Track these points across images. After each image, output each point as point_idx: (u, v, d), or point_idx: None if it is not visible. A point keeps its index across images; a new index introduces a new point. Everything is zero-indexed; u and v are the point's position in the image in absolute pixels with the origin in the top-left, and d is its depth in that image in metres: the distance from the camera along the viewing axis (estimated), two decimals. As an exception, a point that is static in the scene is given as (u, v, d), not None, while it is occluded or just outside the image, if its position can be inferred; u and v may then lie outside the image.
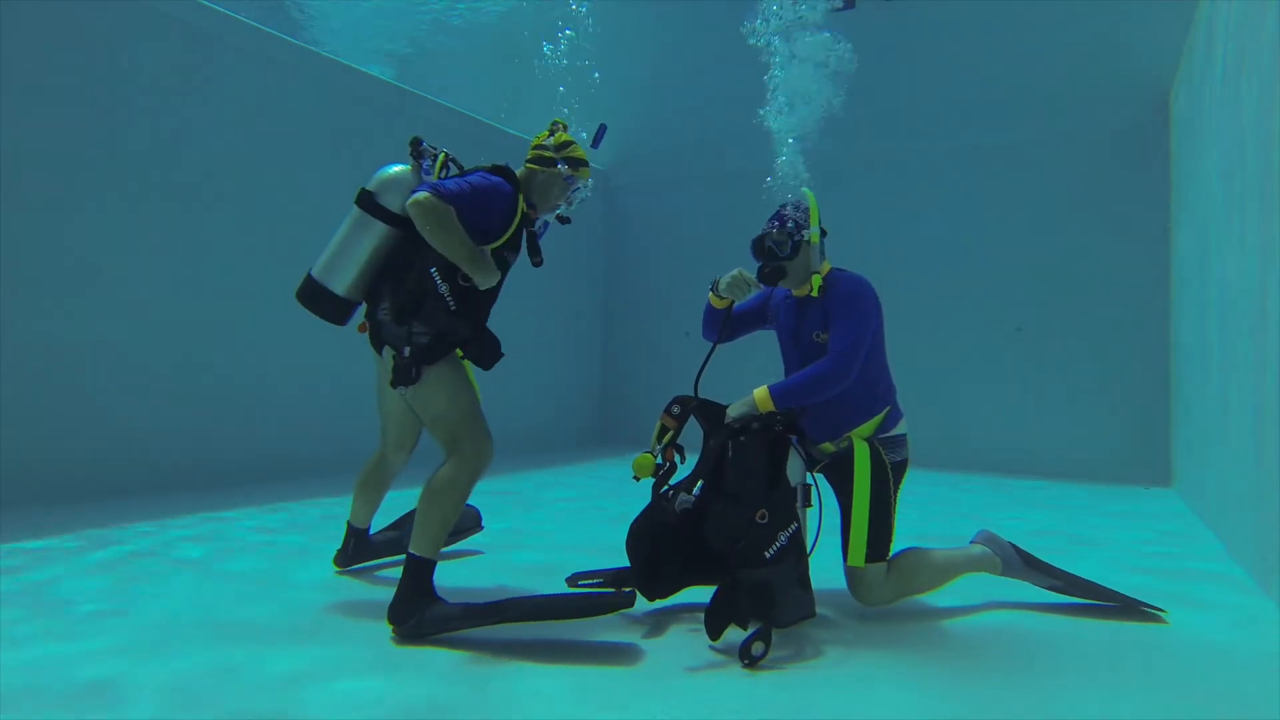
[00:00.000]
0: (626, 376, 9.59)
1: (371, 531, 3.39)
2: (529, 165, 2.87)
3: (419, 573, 2.53)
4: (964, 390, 7.54)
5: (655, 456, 2.62)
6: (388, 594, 2.94)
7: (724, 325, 2.98)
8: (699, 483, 2.56)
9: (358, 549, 3.30)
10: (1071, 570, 3.07)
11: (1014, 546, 2.97)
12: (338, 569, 3.30)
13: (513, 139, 8.20)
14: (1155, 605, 2.90)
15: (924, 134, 7.96)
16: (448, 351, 2.67)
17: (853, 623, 2.73)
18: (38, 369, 4.70)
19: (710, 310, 2.98)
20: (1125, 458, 6.86)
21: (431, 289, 2.61)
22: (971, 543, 2.99)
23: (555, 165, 2.85)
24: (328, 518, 4.39)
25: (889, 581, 2.72)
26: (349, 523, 3.29)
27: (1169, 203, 6.80)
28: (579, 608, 2.45)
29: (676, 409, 2.70)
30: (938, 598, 3.01)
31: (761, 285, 2.83)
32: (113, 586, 2.99)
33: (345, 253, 2.74)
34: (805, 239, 2.79)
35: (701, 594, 2.79)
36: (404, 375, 2.62)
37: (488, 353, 2.72)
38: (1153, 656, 2.43)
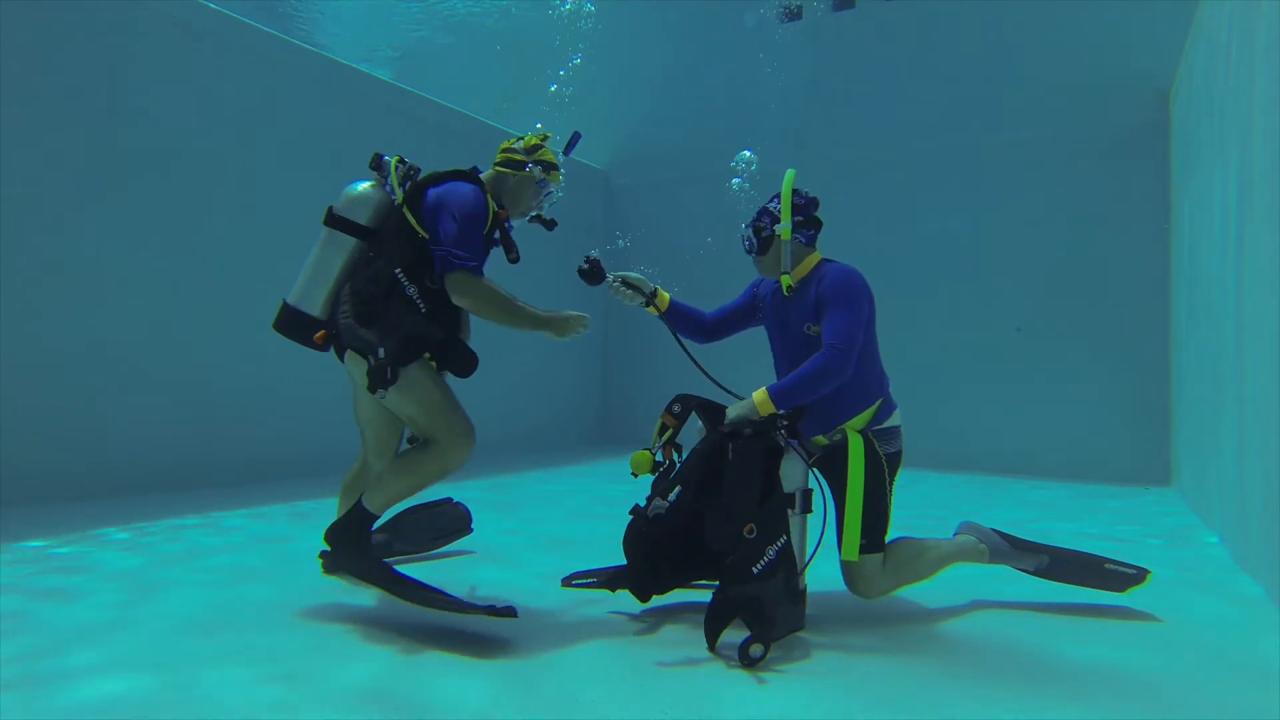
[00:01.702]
0: (626, 376, 9.59)
1: None
2: (499, 168, 2.85)
3: (360, 521, 2.66)
4: (964, 390, 7.53)
5: (654, 454, 2.61)
6: (385, 599, 2.95)
7: (675, 327, 3.05)
8: (676, 489, 2.53)
9: None
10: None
11: (997, 532, 2.98)
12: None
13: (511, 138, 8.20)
14: (1136, 565, 2.94)
15: (924, 134, 7.96)
16: (419, 354, 2.62)
17: (850, 625, 2.73)
18: (37, 369, 4.70)
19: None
20: (1125, 458, 6.86)
21: (398, 291, 2.58)
22: (956, 534, 2.99)
23: (526, 168, 2.83)
24: (329, 518, 4.39)
25: (885, 573, 2.71)
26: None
27: (1169, 203, 6.80)
28: (458, 607, 2.50)
29: (677, 408, 2.68)
30: (934, 598, 3.01)
31: (605, 281, 2.96)
32: (111, 586, 2.99)
33: (319, 274, 2.70)
34: (776, 234, 2.75)
35: (700, 593, 2.80)
36: (380, 379, 2.57)
37: (465, 362, 2.67)
38: (1152, 657, 2.43)
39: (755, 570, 2.38)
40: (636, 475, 2.60)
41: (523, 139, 2.88)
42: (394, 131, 6.91)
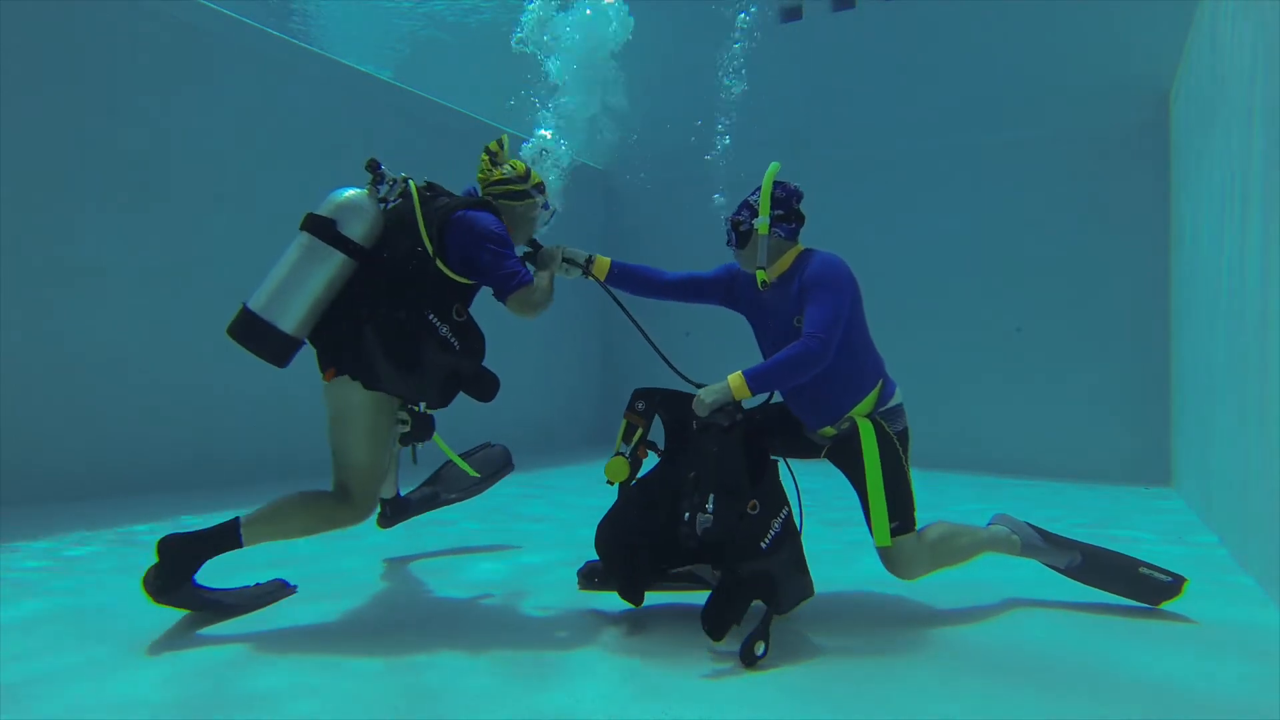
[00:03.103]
0: (626, 376, 9.58)
1: (404, 494, 3.43)
2: (501, 201, 2.80)
3: (220, 544, 2.50)
4: (964, 390, 7.53)
5: (628, 457, 2.53)
6: (396, 606, 2.94)
7: (624, 288, 3.02)
8: (711, 496, 2.41)
9: (395, 511, 3.36)
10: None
11: (1031, 526, 2.98)
12: (381, 528, 3.42)
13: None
14: (1172, 571, 2.90)
15: (924, 134, 7.96)
16: (455, 393, 2.64)
17: (851, 625, 2.73)
18: (37, 369, 4.70)
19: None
20: (1125, 458, 6.86)
21: (431, 332, 2.53)
22: (990, 524, 2.98)
23: (531, 196, 2.84)
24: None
25: (921, 554, 2.70)
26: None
27: (1169, 203, 6.80)
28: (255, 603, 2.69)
29: (641, 405, 2.62)
30: (934, 599, 3.00)
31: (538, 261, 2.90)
32: (108, 587, 2.99)
33: (296, 285, 2.52)
34: (754, 228, 2.70)
35: (696, 594, 2.79)
36: (426, 430, 2.62)
37: (488, 387, 2.68)
38: (1151, 657, 2.43)
39: (763, 545, 2.37)
40: (613, 483, 2.54)
41: (512, 166, 2.84)
42: (394, 131, 6.91)
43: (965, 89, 7.74)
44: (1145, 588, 2.89)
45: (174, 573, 2.45)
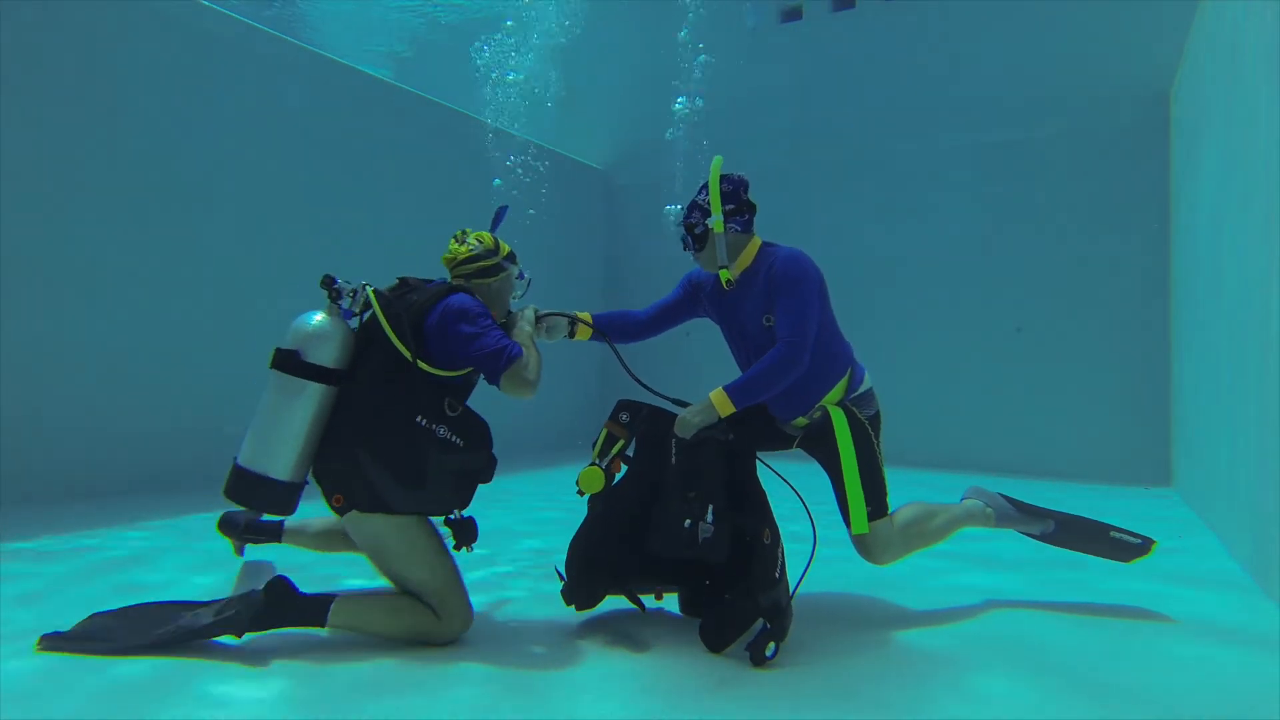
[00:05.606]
0: (625, 379, 9.58)
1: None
2: (475, 280, 2.62)
3: (308, 618, 2.35)
4: (964, 390, 7.53)
5: (603, 468, 2.46)
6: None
7: (611, 337, 2.90)
8: (710, 507, 2.38)
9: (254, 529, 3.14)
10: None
11: (1004, 496, 2.98)
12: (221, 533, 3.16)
13: (512, 139, 8.21)
14: (1142, 534, 2.94)
15: (925, 134, 7.96)
16: (473, 490, 2.49)
17: (852, 625, 2.73)
18: (37, 368, 4.70)
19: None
20: (1125, 458, 6.86)
21: (428, 437, 2.37)
22: (963, 499, 2.97)
23: (504, 269, 2.66)
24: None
25: (896, 538, 2.69)
26: (282, 521, 3.05)
27: (1169, 203, 6.80)
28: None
29: (626, 417, 2.55)
30: (939, 600, 3.01)
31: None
32: (106, 586, 2.99)
33: (278, 429, 2.35)
34: (708, 228, 2.65)
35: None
36: (470, 534, 2.46)
37: (490, 470, 2.53)
38: (1151, 657, 2.43)
39: (777, 575, 2.37)
40: (583, 494, 2.45)
41: (478, 239, 2.65)
42: (394, 132, 6.91)
43: (965, 89, 7.75)
44: (1118, 549, 2.94)
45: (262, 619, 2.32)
